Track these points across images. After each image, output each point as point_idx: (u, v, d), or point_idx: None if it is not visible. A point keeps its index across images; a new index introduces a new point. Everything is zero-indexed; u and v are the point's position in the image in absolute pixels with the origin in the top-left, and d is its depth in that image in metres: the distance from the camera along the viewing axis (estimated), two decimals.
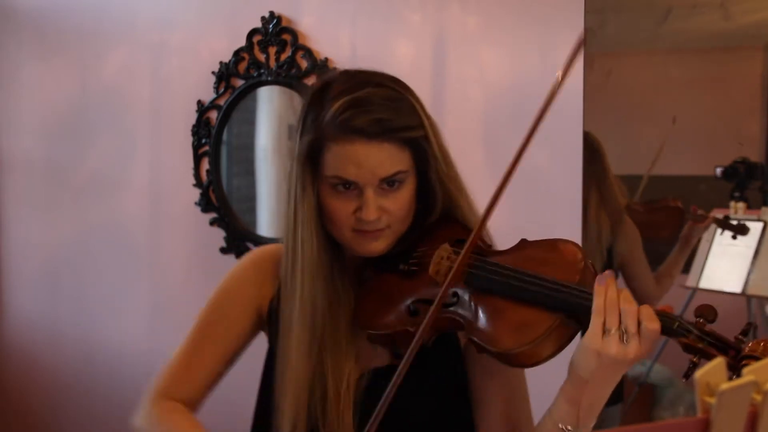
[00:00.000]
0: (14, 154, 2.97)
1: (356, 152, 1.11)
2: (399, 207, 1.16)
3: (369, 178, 1.12)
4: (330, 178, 1.13)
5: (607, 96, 2.32)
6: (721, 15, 2.26)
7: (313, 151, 1.14)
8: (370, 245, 1.17)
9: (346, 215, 1.14)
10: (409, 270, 1.19)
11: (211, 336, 1.26)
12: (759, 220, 2.27)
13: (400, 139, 1.13)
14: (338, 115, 1.11)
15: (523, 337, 1.04)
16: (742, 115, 2.31)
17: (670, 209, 2.35)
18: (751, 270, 2.28)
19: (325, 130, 1.12)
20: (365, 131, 1.10)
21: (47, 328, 2.93)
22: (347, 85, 1.14)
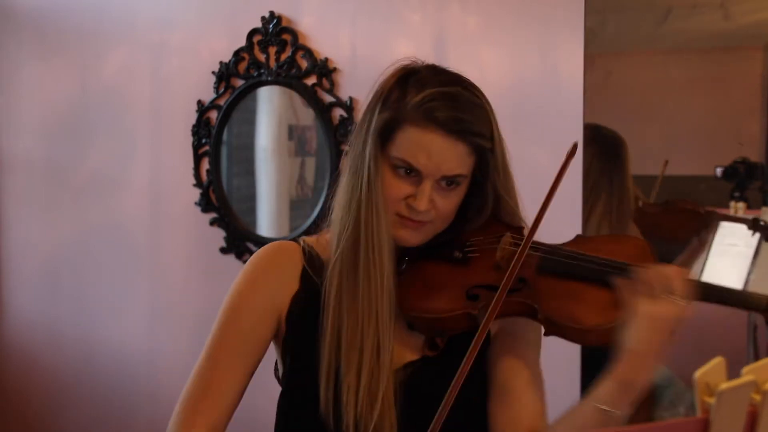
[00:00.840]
0: (14, 154, 2.97)
1: (431, 142, 1.13)
2: (447, 207, 1.18)
3: (434, 171, 1.14)
4: (396, 159, 1.15)
5: (607, 96, 2.32)
6: (721, 15, 2.26)
7: (386, 129, 1.15)
8: (408, 234, 1.18)
9: (397, 198, 1.16)
10: (465, 257, 1.21)
11: (227, 351, 1.22)
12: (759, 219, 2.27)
13: (473, 143, 1.15)
14: (425, 102, 1.13)
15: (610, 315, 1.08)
16: (742, 115, 2.31)
17: (687, 212, 2.34)
18: (751, 270, 2.28)
19: (408, 112, 1.14)
20: (446, 125, 1.13)
21: (47, 328, 2.93)
22: (437, 78, 1.18)
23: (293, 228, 2.61)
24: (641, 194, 2.31)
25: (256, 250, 2.66)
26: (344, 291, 1.18)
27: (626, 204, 2.28)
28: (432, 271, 1.21)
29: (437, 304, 1.17)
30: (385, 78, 1.21)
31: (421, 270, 1.22)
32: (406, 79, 1.18)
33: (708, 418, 0.66)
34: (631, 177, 2.28)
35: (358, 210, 1.17)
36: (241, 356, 1.22)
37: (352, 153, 1.20)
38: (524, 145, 2.25)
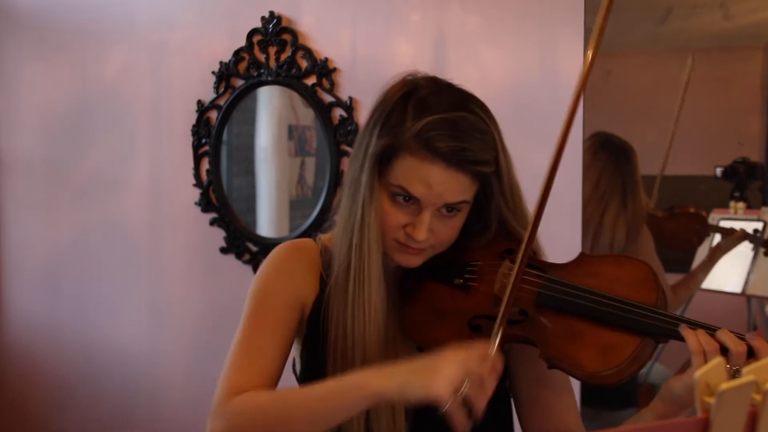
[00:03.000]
0: (14, 154, 2.97)
1: (431, 173, 1.09)
2: (448, 233, 1.15)
3: (434, 201, 1.11)
4: (393, 187, 1.12)
5: (607, 96, 2.32)
6: (721, 15, 2.26)
7: (384, 155, 1.12)
8: (407, 260, 1.16)
9: (395, 226, 1.13)
10: (465, 284, 1.18)
11: (265, 328, 1.18)
12: (759, 220, 2.27)
13: (475, 172, 1.12)
14: (426, 131, 1.08)
15: (610, 361, 1.05)
16: (742, 115, 2.31)
17: (691, 217, 2.33)
18: (751, 270, 2.28)
19: (407, 140, 1.10)
20: (446, 156, 1.08)
21: (47, 328, 2.93)
22: (438, 100, 1.12)
23: (293, 228, 2.61)
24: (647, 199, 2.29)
25: (256, 250, 2.68)
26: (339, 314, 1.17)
27: (639, 209, 2.26)
28: (434, 294, 1.19)
29: (441, 334, 1.15)
30: (387, 93, 1.17)
31: (424, 291, 1.20)
32: (408, 98, 1.13)
33: (708, 418, 0.66)
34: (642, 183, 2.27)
35: (351, 235, 1.15)
36: (278, 335, 1.18)
37: (351, 173, 1.17)
38: (524, 145, 2.24)
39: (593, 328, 1.08)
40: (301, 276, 1.23)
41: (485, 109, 1.16)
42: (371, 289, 1.14)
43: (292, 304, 1.21)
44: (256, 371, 1.15)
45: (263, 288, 1.22)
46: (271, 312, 1.19)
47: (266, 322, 1.18)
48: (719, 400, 0.65)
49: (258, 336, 1.17)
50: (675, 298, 2.28)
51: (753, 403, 0.67)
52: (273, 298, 1.20)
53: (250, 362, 1.15)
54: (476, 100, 1.16)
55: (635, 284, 1.10)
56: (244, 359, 1.16)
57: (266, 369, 1.15)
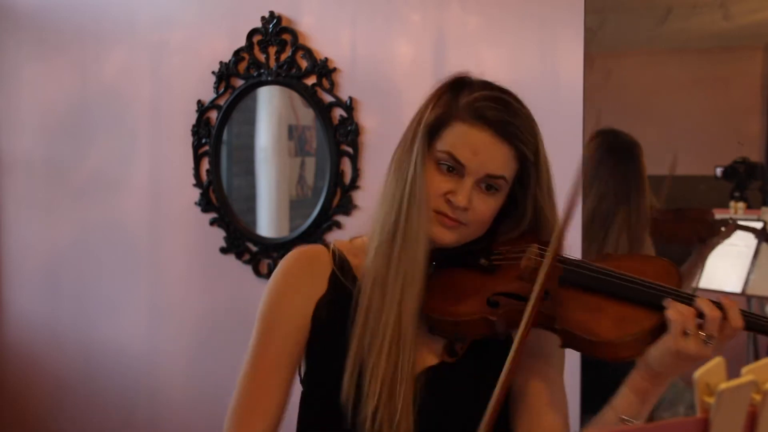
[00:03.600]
0: (14, 154, 2.97)
1: (479, 139, 1.15)
2: (485, 211, 1.18)
3: (477, 168, 1.15)
4: (440, 153, 1.17)
5: (607, 96, 2.32)
6: (721, 15, 2.26)
7: (435, 125, 1.18)
8: (442, 232, 1.18)
9: (437, 193, 1.17)
10: (491, 265, 1.21)
11: (268, 361, 1.23)
12: (759, 220, 2.27)
13: (518, 149, 1.17)
14: (477, 101, 1.16)
15: (626, 329, 1.09)
16: (742, 115, 2.31)
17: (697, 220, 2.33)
18: (751, 270, 2.28)
19: (459, 109, 1.17)
20: (494, 125, 1.15)
21: (47, 328, 2.93)
22: (488, 85, 1.20)
23: (293, 228, 2.61)
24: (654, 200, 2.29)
25: (256, 250, 2.68)
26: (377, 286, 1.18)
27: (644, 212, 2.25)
28: (457, 277, 1.22)
29: (457, 308, 1.17)
30: (438, 85, 1.24)
31: (447, 275, 1.22)
32: (460, 84, 1.21)
33: (708, 418, 0.66)
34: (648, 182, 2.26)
35: (401, 204, 1.18)
36: (282, 366, 1.23)
37: (400, 149, 1.22)
38: None
39: (613, 303, 1.12)
40: (304, 286, 1.24)
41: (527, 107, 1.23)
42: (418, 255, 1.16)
43: (299, 323, 1.23)
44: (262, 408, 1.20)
45: (269, 313, 1.24)
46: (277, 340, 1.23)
47: (271, 352, 1.22)
48: (719, 399, 0.65)
49: (263, 374, 1.22)
50: None
51: (752, 402, 0.67)
52: (278, 325, 1.23)
53: (257, 398, 1.21)
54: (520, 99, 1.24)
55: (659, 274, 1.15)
56: (251, 395, 1.21)
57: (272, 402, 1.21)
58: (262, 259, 2.60)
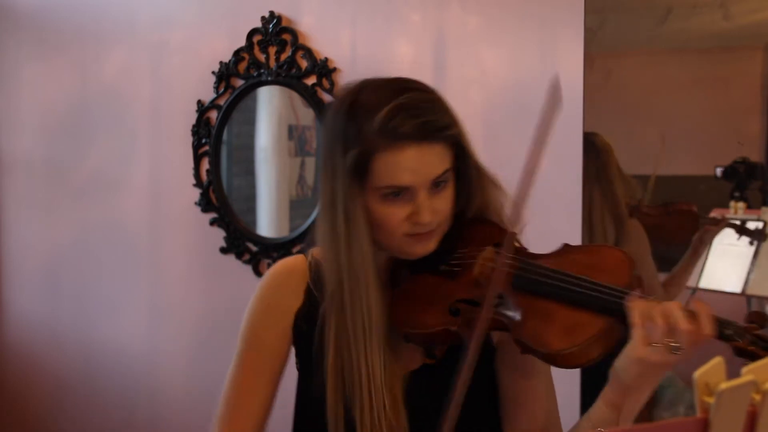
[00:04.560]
0: (14, 154, 2.97)
1: (408, 157, 1.12)
2: (446, 206, 1.18)
3: (423, 181, 1.13)
4: (382, 188, 1.14)
5: (607, 96, 2.32)
6: (721, 15, 2.26)
7: (360, 164, 1.14)
8: (422, 247, 1.18)
9: (399, 221, 1.15)
10: (451, 270, 1.21)
11: (254, 369, 1.27)
12: (759, 220, 2.27)
13: (445, 138, 1.15)
14: (386, 124, 1.11)
15: (573, 339, 1.06)
16: (742, 115, 2.31)
17: (684, 213, 2.33)
18: (751, 270, 2.28)
19: (373, 141, 1.12)
20: (414, 135, 1.11)
21: (47, 328, 2.93)
22: (380, 95, 1.15)
23: (293, 228, 2.61)
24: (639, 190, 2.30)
25: (256, 250, 2.68)
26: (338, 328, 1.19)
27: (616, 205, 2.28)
28: (423, 285, 1.22)
29: (423, 319, 1.18)
30: (331, 115, 1.20)
31: (415, 283, 1.23)
32: (352, 109, 1.16)
33: (708, 418, 0.66)
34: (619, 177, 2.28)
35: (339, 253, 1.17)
36: (268, 371, 1.27)
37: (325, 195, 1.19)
38: (524, 145, 2.24)
39: (562, 309, 1.10)
40: (284, 297, 1.28)
41: (424, 84, 1.20)
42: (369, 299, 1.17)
43: (281, 335, 1.27)
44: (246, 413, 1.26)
45: (251, 327, 1.29)
46: (259, 351, 1.27)
47: (254, 362, 1.27)
48: (718, 399, 0.65)
49: (248, 381, 1.27)
50: (666, 295, 2.29)
51: (752, 402, 0.67)
52: (260, 337, 1.28)
53: (242, 410, 1.26)
54: (412, 80, 1.20)
55: (611, 270, 1.12)
56: (236, 408, 1.26)
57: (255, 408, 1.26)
58: (262, 259, 2.60)
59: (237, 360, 1.28)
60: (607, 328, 1.06)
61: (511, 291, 1.14)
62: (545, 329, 1.09)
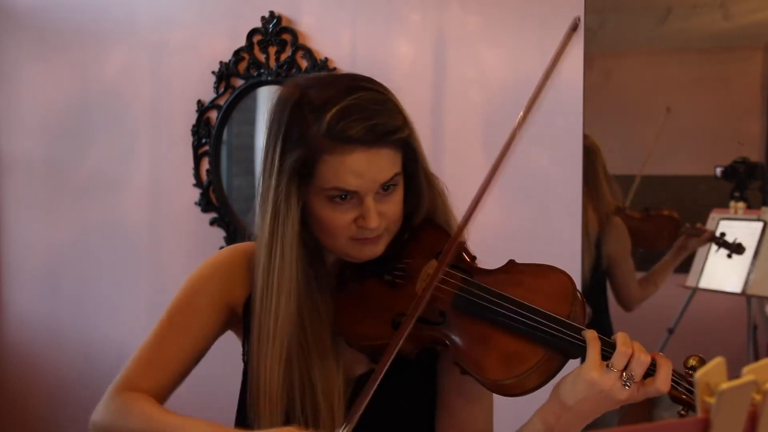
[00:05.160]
0: (14, 154, 2.97)
1: (356, 161, 1.08)
2: (395, 210, 1.15)
3: (370, 185, 1.10)
4: (327, 190, 1.10)
5: (607, 96, 2.32)
6: (721, 15, 2.26)
7: (302, 166, 1.10)
8: (370, 251, 1.16)
9: (344, 225, 1.12)
10: (394, 281, 1.19)
11: (178, 328, 1.24)
12: (759, 220, 2.27)
13: (394, 141, 1.11)
14: (332, 126, 1.07)
15: (512, 370, 1.05)
16: (742, 115, 2.31)
17: (665, 219, 2.35)
18: (751, 270, 2.28)
19: (319, 143, 1.08)
20: (362, 139, 1.08)
21: (47, 328, 2.93)
22: (329, 94, 1.10)
23: None
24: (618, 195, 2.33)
25: None
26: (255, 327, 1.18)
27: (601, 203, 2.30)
28: (369, 290, 1.20)
29: (364, 330, 1.17)
30: (276, 109, 1.16)
31: (359, 286, 1.21)
32: (300, 105, 1.12)
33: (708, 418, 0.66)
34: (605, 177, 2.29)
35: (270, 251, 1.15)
36: (191, 336, 1.24)
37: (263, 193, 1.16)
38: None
39: (502, 336, 1.08)
40: (230, 280, 1.25)
41: (373, 81, 1.16)
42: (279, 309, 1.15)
43: (216, 305, 1.24)
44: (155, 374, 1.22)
45: (189, 288, 1.26)
46: (190, 314, 1.24)
47: (182, 323, 1.24)
48: (719, 400, 0.65)
49: (169, 337, 1.24)
50: (642, 293, 2.32)
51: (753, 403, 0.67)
52: (194, 300, 1.25)
53: (154, 363, 1.22)
54: (363, 77, 1.17)
55: (553, 295, 1.10)
56: (150, 356, 1.23)
57: (165, 374, 1.22)
58: None
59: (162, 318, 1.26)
60: (546, 359, 1.06)
61: (451, 310, 1.12)
62: (484, 355, 1.08)
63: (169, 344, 1.23)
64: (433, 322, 1.12)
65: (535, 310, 1.07)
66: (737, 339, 2.28)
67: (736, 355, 2.23)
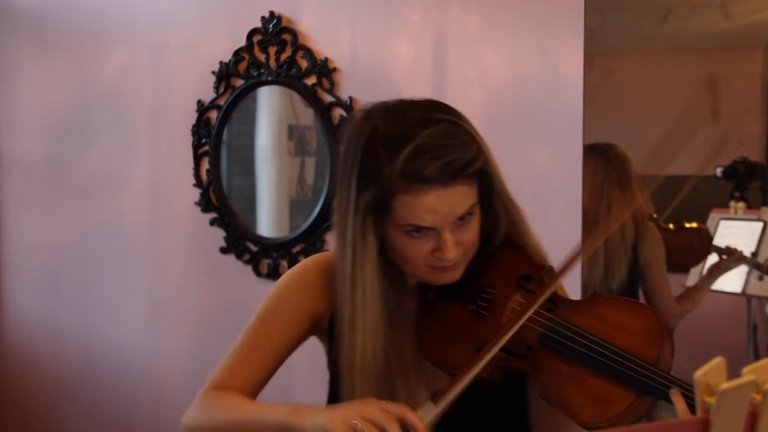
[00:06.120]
0: (14, 154, 2.97)
1: (431, 200, 1.09)
2: (472, 237, 1.16)
3: (446, 220, 1.11)
4: (405, 226, 1.12)
5: (607, 96, 2.32)
6: (721, 15, 2.26)
7: (378, 204, 1.12)
8: (448, 277, 1.17)
9: (423, 255, 1.14)
10: (477, 312, 1.20)
11: (264, 335, 1.27)
12: (759, 220, 2.28)
13: (468, 175, 1.12)
14: (406, 166, 1.08)
15: (603, 413, 1.06)
16: (742, 115, 2.31)
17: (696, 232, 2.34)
18: (751, 270, 2.28)
19: (394, 182, 1.10)
20: (437, 178, 1.09)
21: (47, 328, 2.93)
22: (402, 129, 1.11)
23: (293, 228, 2.60)
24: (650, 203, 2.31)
25: (256, 250, 2.68)
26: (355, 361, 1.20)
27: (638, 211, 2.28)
28: (453, 316, 1.21)
29: (450, 357, 1.18)
30: (349, 144, 1.16)
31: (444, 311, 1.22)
32: (372, 142, 1.12)
33: (708, 418, 0.66)
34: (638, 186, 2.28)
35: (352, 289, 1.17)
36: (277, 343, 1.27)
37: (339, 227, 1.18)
38: (524, 145, 2.25)
39: (591, 377, 1.08)
40: (316, 290, 1.27)
41: (447, 109, 1.17)
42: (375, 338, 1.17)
43: (299, 316, 1.27)
44: (243, 377, 1.26)
45: (274, 297, 1.29)
46: (275, 322, 1.27)
47: (267, 330, 1.27)
48: (719, 400, 0.65)
49: (257, 343, 1.27)
50: (679, 308, 2.30)
51: (753, 403, 0.67)
52: (279, 309, 1.28)
53: (243, 367, 1.26)
54: (434, 106, 1.17)
55: (641, 336, 1.10)
56: (237, 361, 1.27)
57: (253, 377, 1.26)
58: (262, 259, 2.60)
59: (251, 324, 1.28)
60: (636, 403, 1.06)
61: (538, 346, 1.12)
62: (572, 395, 1.08)
63: (256, 350, 1.27)
64: (519, 354, 1.13)
65: (626, 356, 1.07)
66: (737, 339, 2.29)
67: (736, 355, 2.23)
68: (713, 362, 0.68)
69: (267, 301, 1.29)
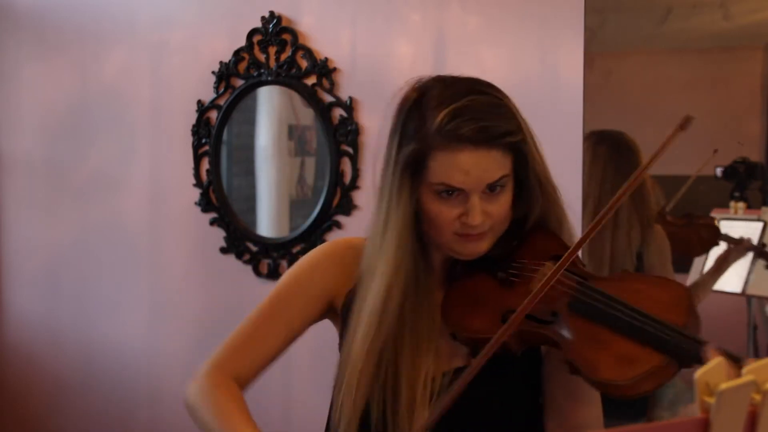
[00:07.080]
0: (14, 154, 2.97)
1: (463, 160, 1.13)
2: (501, 211, 1.18)
3: (476, 184, 1.14)
4: (435, 185, 1.15)
5: (607, 96, 2.32)
6: (721, 15, 2.26)
7: (415, 160, 1.16)
8: (473, 247, 1.19)
9: (449, 220, 1.17)
10: (508, 279, 1.21)
11: (276, 315, 1.29)
12: (759, 220, 2.28)
13: (504, 144, 1.15)
14: (444, 125, 1.13)
15: (627, 372, 1.06)
16: (742, 115, 2.31)
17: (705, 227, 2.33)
18: (751, 270, 2.28)
19: (431, 139, 1.14)
20: (472, 139, 1.12)
21: (47, 328, 2.93)
22: (447, 94, 1.16)
23: (293, 228, 2.61)
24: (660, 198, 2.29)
25: (256, 250, 2.68)
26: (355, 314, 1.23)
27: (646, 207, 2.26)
28: (480, 285, 1.23)
29: (474, 324, 1.19)
30: (401, 104, 1.21)
31: (471, 282, 1.23)
32: (419, 105, 1.18)
33: (708, 418, 0.66)
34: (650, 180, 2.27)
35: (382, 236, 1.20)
36: (287, 324, 1.28)
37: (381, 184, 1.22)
38: None
39: (618, 339, 1.09)
40: (334, 272, 1.30)
41: (492, 86, 1.21)
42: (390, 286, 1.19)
43: (317, 297, 1.29)
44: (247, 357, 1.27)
45: (292, 277, 1.31)
46: (290, 303, 1.29)
47: (280, 311, 1.29)
48: (719, 400, 0.65)
49: (266, 323, 1.28)
50: None
51: (753, 403, 0.67)
52: (296, 290, 1.30)
53: (248, 346, 1.28)
54: (483, 82, 1.21)
55: (670, 304, 1.12)
56: (243, 342, 1.28)
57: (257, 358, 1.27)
58: (262, 259, 2.60)
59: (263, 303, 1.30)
60: (663, 366, 1.06)
61: (566, 311, 1.14)
62: (598, 355, 1.08)
63: (265, 330, 1.28)
64: (543, 320, 1.14)
65: (652, 317, 1.08)
66: (737, 339, 2.28)
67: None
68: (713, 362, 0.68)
69: (283, 280, 1.31)
